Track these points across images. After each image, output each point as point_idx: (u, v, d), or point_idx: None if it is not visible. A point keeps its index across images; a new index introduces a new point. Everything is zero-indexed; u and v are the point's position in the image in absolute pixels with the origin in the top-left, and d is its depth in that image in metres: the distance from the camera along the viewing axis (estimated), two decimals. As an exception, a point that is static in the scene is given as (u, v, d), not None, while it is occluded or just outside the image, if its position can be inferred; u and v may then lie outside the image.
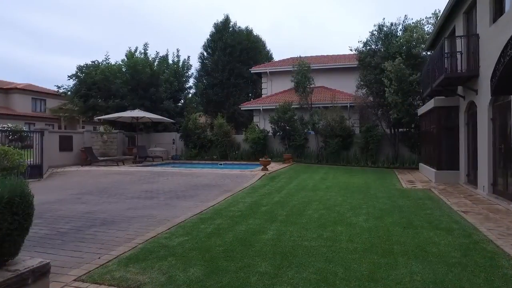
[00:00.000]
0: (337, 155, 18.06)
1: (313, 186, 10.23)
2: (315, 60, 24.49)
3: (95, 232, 5.52)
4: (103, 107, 19.83)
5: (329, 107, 19.09)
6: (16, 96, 37.36)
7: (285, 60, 27.19)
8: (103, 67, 20.29)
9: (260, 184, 10.51)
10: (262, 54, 36.39)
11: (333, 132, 18.06)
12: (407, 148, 17.26)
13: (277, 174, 12.69)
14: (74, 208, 7.51)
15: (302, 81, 19.57)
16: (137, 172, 13.45)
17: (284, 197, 8.39)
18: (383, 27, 17.36)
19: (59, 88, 21.25)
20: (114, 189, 10.05)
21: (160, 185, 10.62)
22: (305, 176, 12.51)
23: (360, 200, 7.93)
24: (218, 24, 35.03)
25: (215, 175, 12.32)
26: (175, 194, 9.02)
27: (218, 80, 32.74)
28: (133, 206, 7.64)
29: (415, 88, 15.32)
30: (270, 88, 25.88)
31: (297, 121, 19.23)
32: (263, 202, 7.67)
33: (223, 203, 7.63)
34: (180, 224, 5.84)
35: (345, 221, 5.96)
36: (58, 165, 15.57)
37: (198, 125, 20.61)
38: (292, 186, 10.11)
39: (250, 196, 8.44)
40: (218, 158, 19.77)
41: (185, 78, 24.70)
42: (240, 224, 5.80)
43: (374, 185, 10.49)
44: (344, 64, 23.66)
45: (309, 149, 19.25)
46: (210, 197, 8.51)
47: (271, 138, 19.85)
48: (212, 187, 10.03)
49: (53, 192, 9.82)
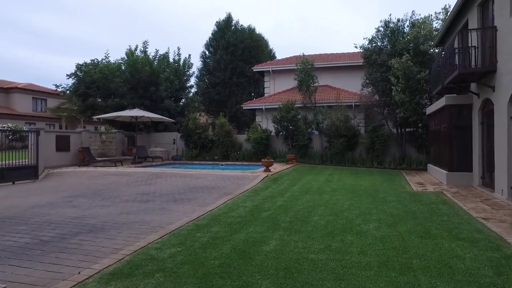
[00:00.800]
0: (342, 155, 17.51)
1: (318, 188, 9.70)
2: (318, 58, 23.92)
3: (80, 241, 5.03)
4: (102, 107, 19.38)
5: (333, 106, 18.54)
6: (16, 95, 37.06)
7: (288, 59, 26.66)
8: (101, 66, 19.83)
9: (262, 186, 10.00)
10: (264, 53, 35.87)
11: (337, 132, 17.51)
12: (415, 149, 16.68)
13: (280, 176, 12.17)
14: (64, 212, 7.03)
15: (305, 79, 19.03)
16: (134, 173, 12.97)
17: (287, 200, 7.86)
18: (389, 23, 16.78)
19: (57, 87, 20.82)
20: (109, 192, 9.58)
21: (158, 187, 10.13)
22: (309, 178, 11.98)
23: (369, 204, 7.40)
24: (220, 23, 34.56)
25: (216, 177, 11.81)
26: (172, 197, 8.52)
27: (220, 79, 32.26)
28: (127, 210, 7.15)
29: (423, 86, 14.74)
30: (273, 87, 25.33)
31: (301, 120, 18.69)
32: (265, 207, 7.15)
33: (222, 208, 7.12)
34: (174, 232, 5.34)
35: (354, 229, 5.43)
36: (55, 165, 15.12)
37: (198, 125, 20.12)
38: (296, 189, 9.59)
39: (251, 200, 7.92)
40: (219, 158, 19.28)
41: (186, 77, 24.21)
42: (240, 232, 5.29)
43: (382, 187, 9.94)
44: (349, 62, 23.08)
45: (313, 149, 18.72)
46: (209, 200, 8.00)
47: (274, 138, 19.33)
48: (212, 190, 9.53)
49: (46, 194, 9.36)
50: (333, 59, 24.47)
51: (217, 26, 34.60)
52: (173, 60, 23.82)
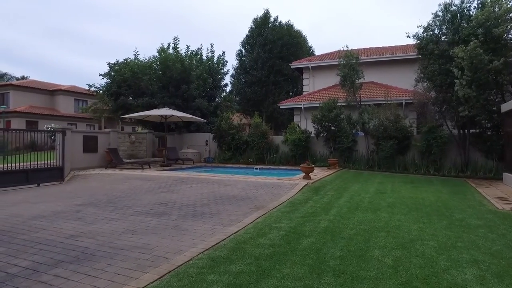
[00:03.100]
0: (392, 160, 15.34)
1: (370, 202, 7.87)
2: (363, 52, 21.68)
3: (54, 278, 3.71)
4: (133, 106, 18.63)
5: (381, 105, 16.40)
6: (60, 97, 38.17)
7: (329, 54, 24.66)
8: (132, 64, 19.11)
9: (301, 198, 8.34)
10: (303, 50, 34.03)
11: (386, 133, 15.36)
12: (481, 153, 14.15)
13: (321, 184, 10.42)
14: (62, 228, 5.85)
15: (349, 74, 17.04)
16: (159, 178, 11.82)
17: (334, 220, 6.15)
18: (450, 6, 14.38)
19: (90, 86, 20.44)
20: (125, 200, 8.40)
21: (179, 196, 8.82)
22: (357, 187, 10.13)
23: (447, 230, 5.50)
24: (257, 20, 33.23)
25: (247, 184, 10.31)
26: (193, 210, 7.12)
27: (256, 77, 30.93)
28: (134, 227, 5.83)
29: (495, 78, 12.29)
30: (312, 84, 23.46)
31: (344, 120, 16.74)
32: (305, 230, 5.50)
33: (250, 229, 5.57)
34: (179, 270, 3.87)
35: (442, 278, 3.60)
36: (82, 167, 14.42)
37: (232, 125, 18.78)
38: (342, 203, 7.83)
39: (287, 218, 6.31)
40: (254, 161, 17.81)
41: (220, 75, 22.99)
42: (269, 275, 3.70)
43: (453, 203, 7.90)
44: (398, 55, 20.69)
45: (357, 152, 16.68)
46: (235, 216, 6.50)
47: (314, 139, 17.51)
48: (241, 201, 8.03)
49: (58, 201, 8.37)
50: (379, 53, 22.14)
51: (254, 23, 33.30)
52: (206, 57, 22.74)
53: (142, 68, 18.86)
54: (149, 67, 19.45)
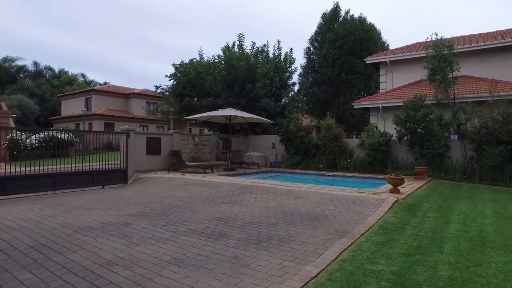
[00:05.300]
0: (499, 170, 12.43)
1: (499, 233, 5.69)
2: (453, 41, 18.50)
3: None
4: (197, 107, 18.06)
5: (484, 102, 13.47)
6: (133, 100, 40.16)
7: (409, 46, 21.75)
8: (196, 64, 18.56)
9: (393, 220, 6.45)
10: (377, 46, 31.05)
11: (492, 137, 12.49)
12: None
13: (415, 201, 8.32)
14: (103, 248, 4.87)
15: (440, 67, 14.36)
16: (221, 185, 10.71)
17: (457, 265, 4.24)
18: None
19: (157, 88, 20.45)
20: (180, 211, 7.34)
21: (242, 209, 7.51)
22: (464, 207, 7.85)
23: None
24: (326, 14, 31.15)
25: (321, 197, 8.65)
26: (257, 232, 5.72)
27: (326, 76, 28.90)
28: (183, 254, 4.61)
29: None
30: (391, 81, 20.81)
31: (434, 121, 14.12)
32: (420, 281, 3.71)
33: (336, 272, 3.95)
34: None
35: None
36: (144, 169, 14.05)
37: (301, 127, 17.18)
38: (454, 231, 5.78)
39: (385, 255, 4.55)
40: (325, 167, 15.99)
41: (287, 73, 21.51)
42: None
43: None
44: (503, 41, 17.16)
45: (450, 159, 13.96)
46: (312, 246, 4.93)
47: (395, 143, 15.12)
48: (316, 221, 6.43)
49: (112, 209, 7.65)
50: (474, 40, 18.71)
51: (323, 18, 31.29)
52: (272, 55, 21.44)
53: (206, 68, 18.20)
54: (213, 66, 18.74)
